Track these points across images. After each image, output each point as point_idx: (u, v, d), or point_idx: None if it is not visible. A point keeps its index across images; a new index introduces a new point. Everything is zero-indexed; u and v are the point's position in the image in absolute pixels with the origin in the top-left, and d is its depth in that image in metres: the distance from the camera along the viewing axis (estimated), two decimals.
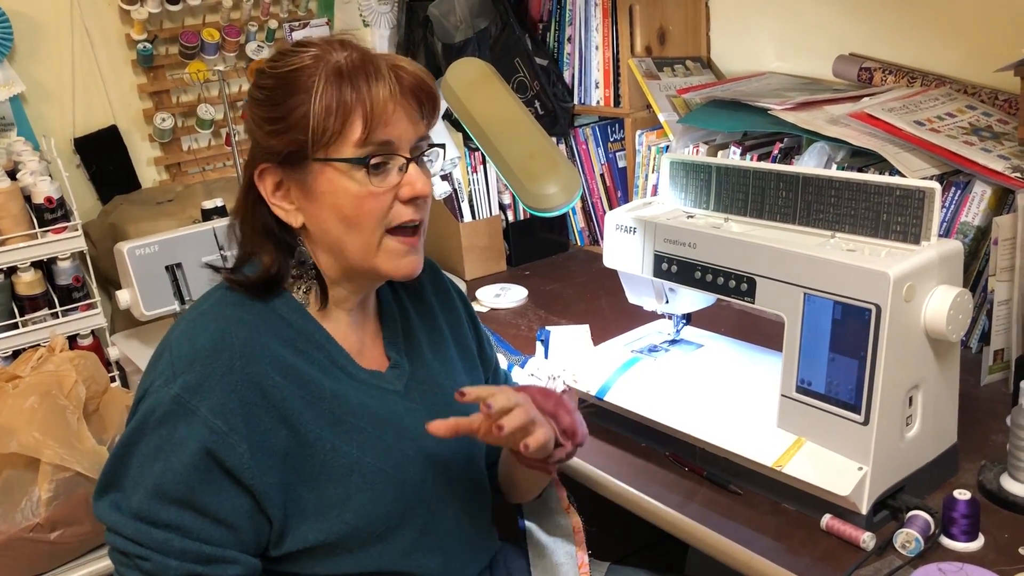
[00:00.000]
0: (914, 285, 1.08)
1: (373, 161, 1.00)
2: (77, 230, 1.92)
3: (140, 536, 0.94)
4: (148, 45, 2.23)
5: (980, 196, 1.49)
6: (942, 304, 1.10)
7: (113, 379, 1.95)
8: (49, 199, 1.88)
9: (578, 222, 2.32)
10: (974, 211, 1.50)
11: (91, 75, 2.22)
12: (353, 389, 1.05)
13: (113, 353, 1.95)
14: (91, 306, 1.97)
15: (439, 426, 1.00)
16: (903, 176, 1.47)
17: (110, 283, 2.07)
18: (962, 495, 1.08)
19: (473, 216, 2.18)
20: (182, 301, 1.76)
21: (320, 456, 1.00)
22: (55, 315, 1.92)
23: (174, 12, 2.25)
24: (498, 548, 1.21)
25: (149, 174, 2.36)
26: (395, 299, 1.18)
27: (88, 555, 1.34)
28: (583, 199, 2.28)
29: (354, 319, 1.11)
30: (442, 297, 1.25)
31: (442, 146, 1.10)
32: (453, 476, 1.13)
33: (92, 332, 1.99)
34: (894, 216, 1.14)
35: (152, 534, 0.93)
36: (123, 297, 1.76)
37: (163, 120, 2.30)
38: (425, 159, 1.07)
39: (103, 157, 2.27)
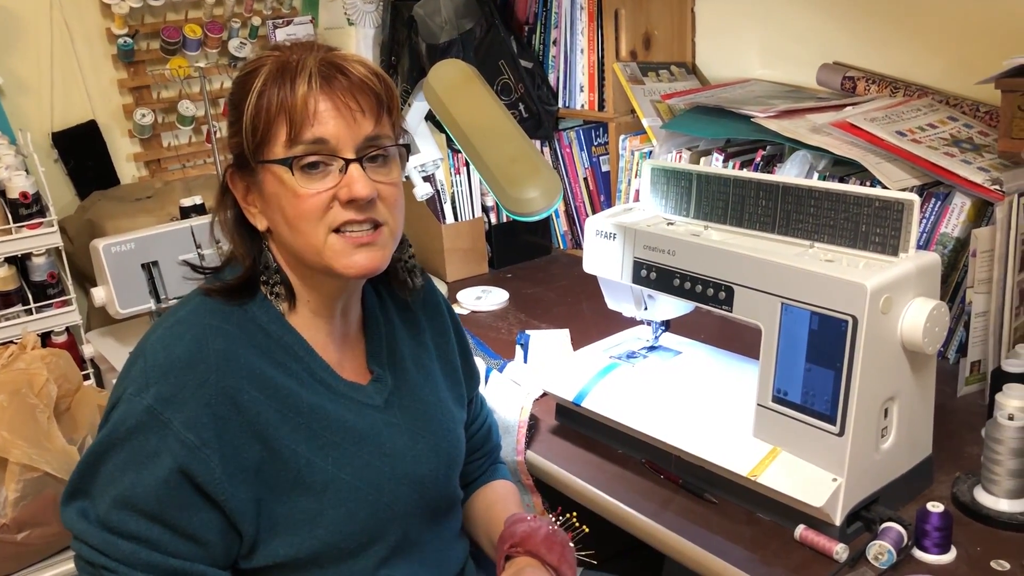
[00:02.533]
0: (891, 297, 1.08)
1: (306, 161, 0.97)
2: (53, 226, 1.89)
3: (107, 547, 0.92)
4: (129, 40, 2.20)
5: (960, 208, 1.49)
6: (919, 317, 1.10)
7: (87, 377, 1.92)
8: (24, 194, 1.85)
9: (561, 226, 2.31)
10: (954, 223, 1.50)
11: (70, 69, 2.20)
12: (331, 402, 1.03)
13: (88, 351, 1.93)
14: (66, 303, 1.94)
15: None
16: (884, 186, 1.47)
17: (86, 280, 2.04)
18: (935, 507, 1.08)
19: (455, 218, 2.17)
20: (158, 299, 1.74)
21: (294, 471, 0.98)
22: (29, 312, 1.90)
23: (156, 7, 2.23)
24: (467, 557, 1.20)
25: (128, 170, 2.34)
26: (382, 309, 1.16)
27: (55, 556, 1.32)
28: (566, 203, 2.28)
29: (336, 328, 1.08)
30: (432, 312, 1.22)
31: (404, 146, 1.07)
32: (428, 495, 1.10)
33: (67, 329, 1.97)
34: (873, 227, 1.14)
35: (119, 545, 0.92)
36: (98, 294, 1.75)
37: (143, 116, 2.28)
38: (381, 158, 1.02)
39: (81, 152, 2.24)
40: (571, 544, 1.14)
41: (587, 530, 1.19)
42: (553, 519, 1.18)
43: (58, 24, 2.17)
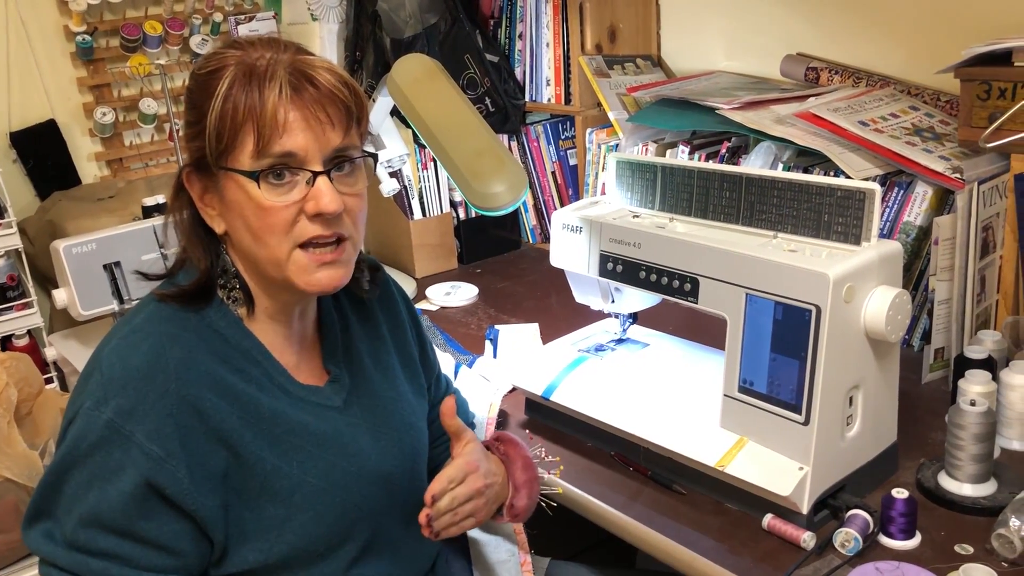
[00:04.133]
0: (854, 286, 1.09)
1: (274, 173, 0.94)
2: (12, 227, 1.86)
3: (77, 567, 0.90)
4: (88, 37, 2.17)
5: (922, 196, 1.51)
6: (881, 305, 1.10)
7: (50, 380, 1.89)
8: None
9: (530, 220, 2.31)
10: (916, 211, 1.51)
11: (27, 68, 2.16)
12: (291, 407, 1.01)
13: (50, 353, 1.90)
14: (27, 305, 1.91)
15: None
16: (848, 176, 1.48)
17: (48, 282, 2.01)
18: (900, 494, 1.09)
19: (423, 214, 2.16)
20: (120, 300, 1.72)
21: (260, 477, 0.97)
22: None
23: (115, 3, 2.19)
24: (439, 550, 1.19)
25: (90, 169, 2.30)
26: (336, 306, 1.14)
27: (18, 564, 1.30)
28: (535, 197, 2.27)
29: (292, 331, 1.06)
30: (386, 303, 1.20)
31: (372, 155, 1.05)
32: (396, 490, 1.09)
33: (28, 332, 1.94)
34: (835, 217, 1.15)
35: (90, 564, 0.89)
36: (59, 296, 1.72)
37: (104, 114, 2.24)
38: (348, 167, 0.99)
39: (41, 152, 2.20)
40: (540, 496, 1.18)
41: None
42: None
43: (14, 21, 2.12)
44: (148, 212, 1.83)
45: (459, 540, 1.28)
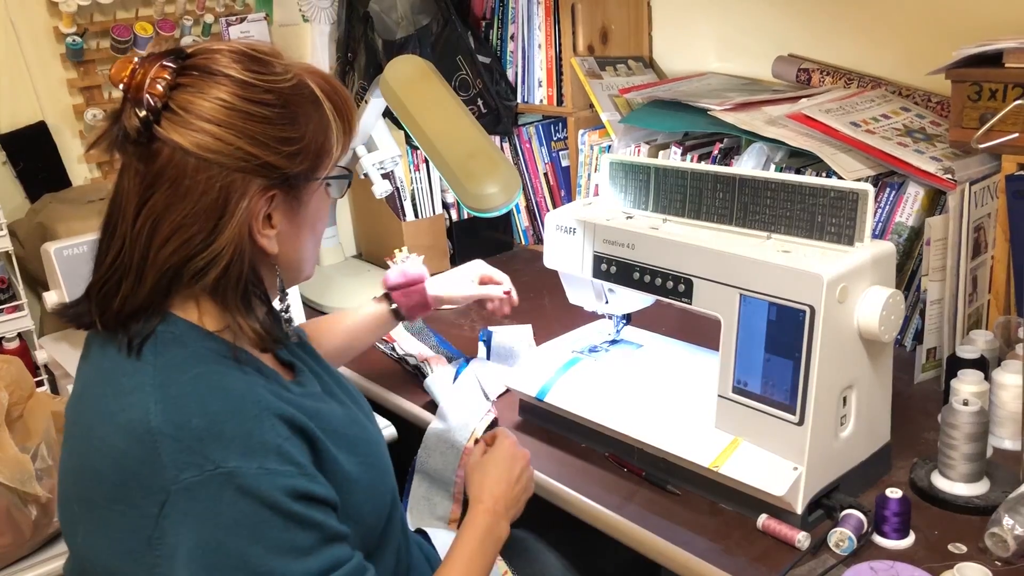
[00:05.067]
0: (847, 286, 1.09)
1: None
2: (2, 229, 1.85)
3: None
4: (78, 39, 2.16)
5: (914, 197, 1.51)
6: (874, 305, 1.11)
7: (41, 383, 1.88)
8: None
9: (522, 221, 2.31)
10: (908, 212, 1.52)
11: (17, 69, 2.14)
12: (312, 401, 0.99)
13: (41, 356, 1.88)
14: (18, 308, 1.90)
15: None
16: (840, 177, 1.48)
17: (38, 284, 2.00)
18: (893, 493, 1.09)
19: (416, 215, 2.16)
20: None
21: (335, 471, 0.95)
22: None
23: (105, 5, 2.18)
24: None
25: (80, 172, 2.29)
26: None
27: (11, 567, 1.29)
28: (527, 198, 2.27)
29: None
30: None
31: None
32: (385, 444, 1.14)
33: (19, 335, 1.93)
34: (828, 217, 1.15)
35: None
36: (50, 299, 1.71)
37: (94, 116, 2.23)
38: None
39: (31, 154, 2.19)
40: None
41: None
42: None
43: (3, 23, 2.11)
44: None
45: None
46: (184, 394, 0.86)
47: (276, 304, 1.00)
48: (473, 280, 1.56)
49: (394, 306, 1.50)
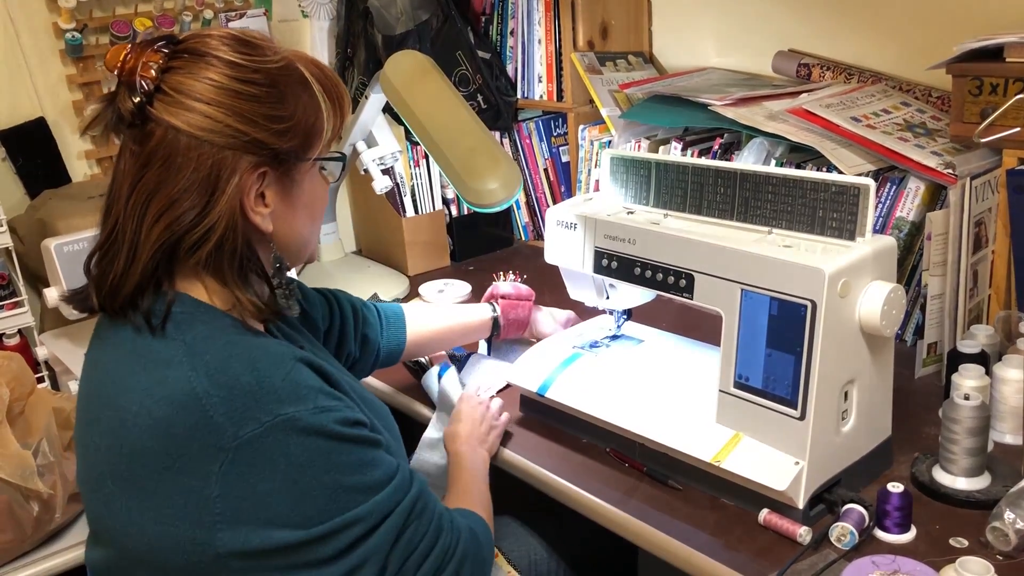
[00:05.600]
0: (849, 281, 1.09)
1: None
2: (2, 226, 1.84)
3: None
4: (77, 35, 2.15)
5: (914, 192, 1.51)
6: (876, 300, 1.11)
7: (42, 380, 1.88)
8: None
9: (522, 217, 2.31)
10: (908, 206, 1.52)
11: (16, 65, 2.14)
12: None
13: (42, 352, 1.88)
14: (18, 304, 1.90)
15: None
16: (840, 172, 1.48)
17: (39, 281, 2.00)
18: (895, 488, 1.10)
19: (416, 211, 2.16)
20: None
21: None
22: None
23: (104, 0, 2.18)
24: None
25: (80, 168, 2.28)
26: None
27: (12, 564, 1.29)
28: (527, 194, 2.27)
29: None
30: None
31: None
32: None
33: (19, 331, 1.92)
34: (830, 212, 1.15)
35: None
36: (51, 295, 1.71)
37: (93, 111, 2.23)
38: None
39: (30, 150, 2.18)
40: None
41: None
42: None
43: (2, 19, 2.11)
44: None
45: None
46: (223, 358, 0.90)
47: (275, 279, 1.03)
48: (560, 322, 1.64)
49: (496, 314, 1.56)
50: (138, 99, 0.91)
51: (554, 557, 1.39)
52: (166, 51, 0.93)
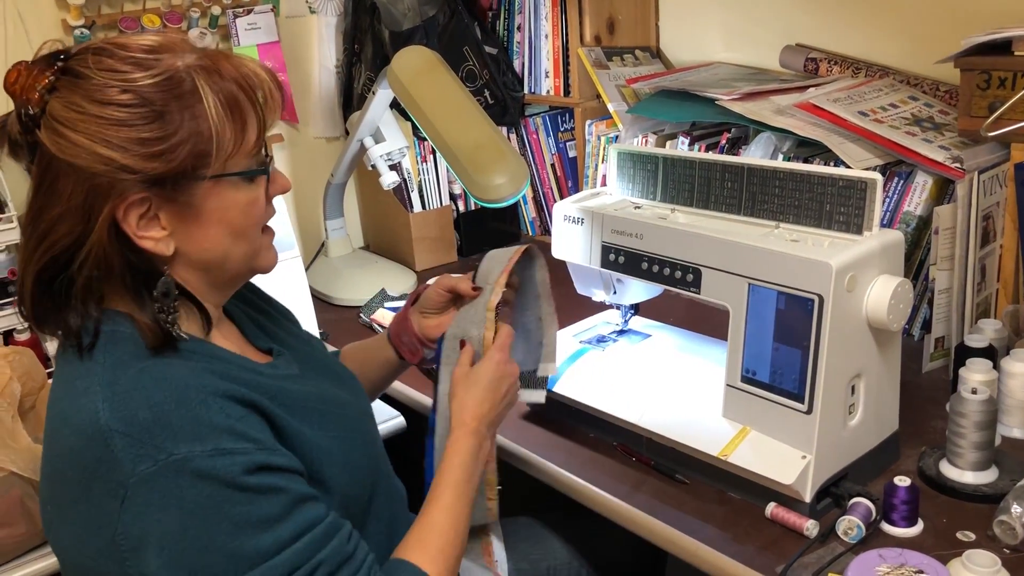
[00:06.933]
0: (856, 275, 1.09)
1: (266, 166, 0.96)
2: (12, 222, 1.85)
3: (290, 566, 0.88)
4: (86, 31, 2.16)
5: (922, 186, 1.51)
6: (883, 294, 1.11)
7: (51, 375, 1.89)
8: None
9: (529, 212, 2.31)
10: (916, 201, 1.52)
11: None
12: (278, 381, 1.00)
13: (52, 348, 1.89)
14: None
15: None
16: (848, 166, 1.48)
17: None
18: (902, 482, 1.10)
19: (423, 206, 2.16)
20: None
21: (302, 448, 0.96)
22: None
23: None
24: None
25: None
26: (229, 301, 1.12)
27: (24, 557, 1.30)
28: (534, 189, 2.27)
29: (223, 331, 1.05)
30: (248, 285, 1.18)
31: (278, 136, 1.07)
32: (374, 423, 1.16)
33: (29, 327, 1.93)
34: (837, 207, 1.15)
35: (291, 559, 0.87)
36: None
37: None
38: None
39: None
40: None
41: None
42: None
43: (11, 16, 2.12)
44: None
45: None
46: (129, 389, 0.87)
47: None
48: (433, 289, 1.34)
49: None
50: (25, 122, 0.88)
51: (576, 562, 1.37)
52: (50, 72, 0.88)
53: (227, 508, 0.85)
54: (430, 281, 1.33)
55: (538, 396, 1.28)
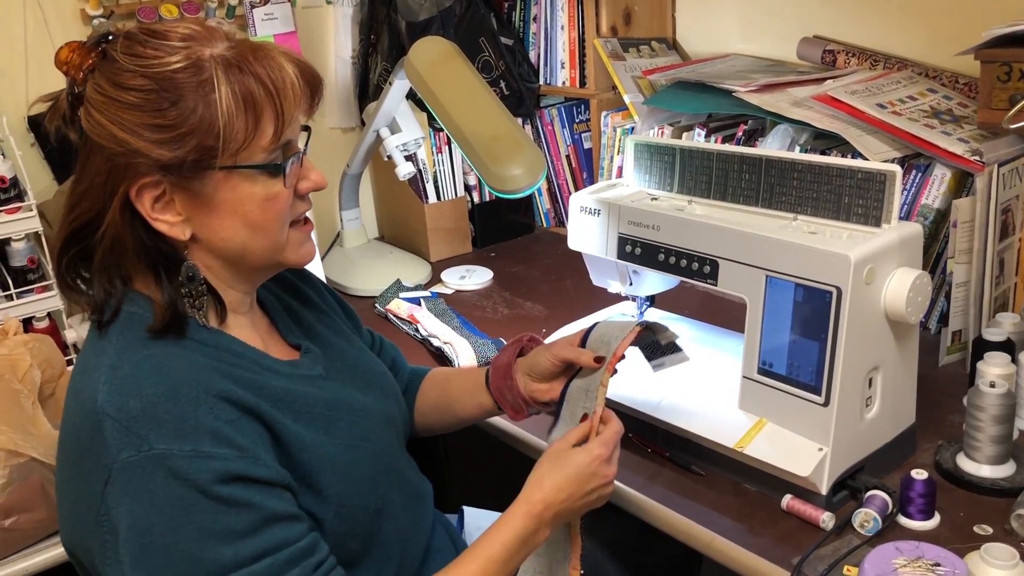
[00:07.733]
0: (874, 268, 1.09)
1: (288, 160, 0.95)
2: (32, 211, 1.87)
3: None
4: (104, 21, 2.17)
5: (940, 179, 1.50)
6: (901, 287, 1.11)
7: (71, 362, 1.91)
8: (2, 178, 1.83)
9: (544, 203, 2.31)
10: (934, 194, 1.51)
11: (45, 52, 2.16)
12: (291, 383, 1.01)
13: (70, 336, 1.91)
14: (47, 288, 1.92)
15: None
16: (865, 159, 1.48)
17: None
18: (919, 475, 1.10)
19: (438, 197, 2.17)
20: None
21: (301, 453, 0.96)
22: (9, 297, 1.87)
23: None
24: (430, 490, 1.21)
25: None
26: (266, 290, 1.13)
27: (44, 542, 1.31)
28: (549, 180, 2.27)
29: (250, 320, 1.06)
30: (301, 275, 1.21)
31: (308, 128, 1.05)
32: (398, 430, 1.15)
33: (48, 314, 1.95)
34: (855, 199, 1.15)
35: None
36: None
37: None
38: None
39: (59, 136, 2.21)
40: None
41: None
42: None
43: (31, 6, 2.13)
44: None
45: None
46: (128, 376, 0.89)
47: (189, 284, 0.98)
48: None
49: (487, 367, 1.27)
50: (71, 100, 0.93)
51: (607, 561, 1.34)
52: (94, 55, 0.92)
53: (194, 514, 0.85)
54: (538, 337, 1.24)
55: None
